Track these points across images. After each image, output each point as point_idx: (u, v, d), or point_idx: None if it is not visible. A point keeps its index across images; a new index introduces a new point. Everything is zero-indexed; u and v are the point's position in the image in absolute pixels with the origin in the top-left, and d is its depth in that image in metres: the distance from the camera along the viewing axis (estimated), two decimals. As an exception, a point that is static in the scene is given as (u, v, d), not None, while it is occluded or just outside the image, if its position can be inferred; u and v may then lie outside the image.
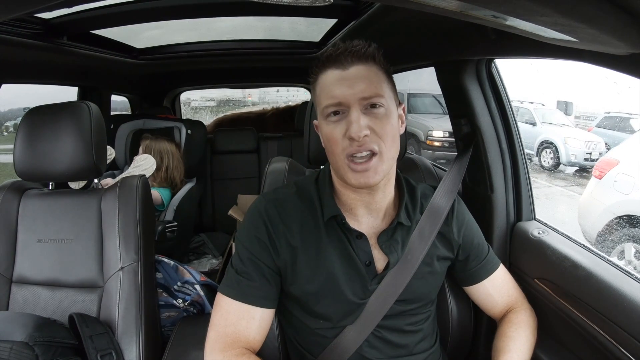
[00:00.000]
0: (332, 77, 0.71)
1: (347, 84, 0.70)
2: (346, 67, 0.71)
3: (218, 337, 0.74)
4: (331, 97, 0.70)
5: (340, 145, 0.70)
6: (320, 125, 0.75)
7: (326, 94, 0.71)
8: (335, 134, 0.71)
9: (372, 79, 0.71)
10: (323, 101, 0.72)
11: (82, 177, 1.14)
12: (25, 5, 0.58)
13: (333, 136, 0.71)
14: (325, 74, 0.73)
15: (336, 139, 0.71)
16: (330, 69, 0.72)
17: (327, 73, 0.72)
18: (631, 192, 2.48)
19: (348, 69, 0.71)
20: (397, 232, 0.80)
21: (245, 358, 0.72)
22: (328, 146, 0.73)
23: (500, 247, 1.06)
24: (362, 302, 0.78)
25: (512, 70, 1.28)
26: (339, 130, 0.70)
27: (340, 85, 0.70)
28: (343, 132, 0.70)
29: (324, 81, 0.72)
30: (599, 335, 0.78)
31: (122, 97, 2.71)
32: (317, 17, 1.46)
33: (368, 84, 0.70)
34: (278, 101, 6.64)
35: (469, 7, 0.45)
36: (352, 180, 0.71)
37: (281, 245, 0.77)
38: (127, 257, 1.07)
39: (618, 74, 0.59)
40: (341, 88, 0.70)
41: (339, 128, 0.70)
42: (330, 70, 0.72)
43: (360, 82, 0.70)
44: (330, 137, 0.72)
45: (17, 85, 1.55)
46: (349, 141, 0.70)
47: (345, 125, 0.70)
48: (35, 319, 0.92)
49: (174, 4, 1.25)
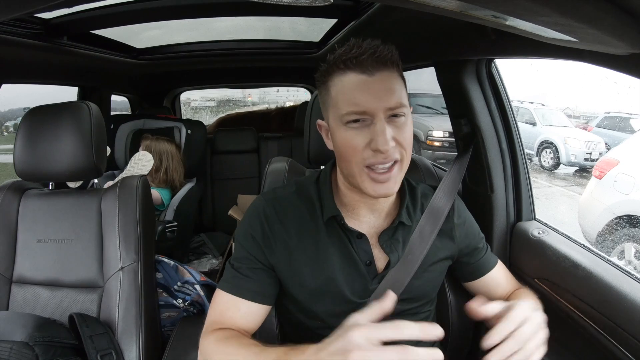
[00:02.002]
0: (356, 82, 0.67)
1: (374, 93, 0.66)
2: (372, 73, 0.67)
3: (206, 326, 0.76)
4: (354, 105, 0.67)
5: (361, 154, 0.68)
6: (334, 130, 0.72)
7: (348, 99, 0.67)
8: (356, 142, 0.68)
9: (396, 87, 0.68)
10: (344, 107, 0.68)
11: (82, 177, 1.15)
12: (25, 5, 0.58)
13: (353, 144, 0.68)
14: (346, 76, 0.68)
15: (356, 147, 0.68)
16: (353, 72, 0.68)
17: (349, 76, 0.68)
18: (631, 192, 2.48)
19: (374, 75, 0.67)
20: (398, 232, 0.81)
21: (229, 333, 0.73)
22: (343, 152, 0.70)
23: (500, 247, 1.06)
24: (361, 301, 0.78)
25: (512, 70, 1.28)
26: (361, 139, 0.67)
27: (366, 93, 0.66)
28: (366, 142, 0.67)
29: (345, 84, 0.68)
30: (599, 335, 0.78)
31: (122, 97, 2.71)
32: (317, 17, 1.46)
33: (392, 93, 0.67)
34: (278, 101, 6.64)
35: (469, 7, 0.45)
36: (369, 190, 0.69)
37: (276, 244, 0.77)
38: (127, 257, 1.08)
39: (618, 74, 0.59)
40: (367, 96, 0.66)
41: (360, 137, 0.67)
42: (354, 74, 0.68)
43: (387, 92, 0.67)
44: (348, 144, 0.68)
45: (17, 85, 1.55)
46: (372, 152, 0.67)
47: (368, 134, 0.67)
48: (35, 319, 0.92)
49: (174, 4, 1.25)
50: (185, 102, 4.99)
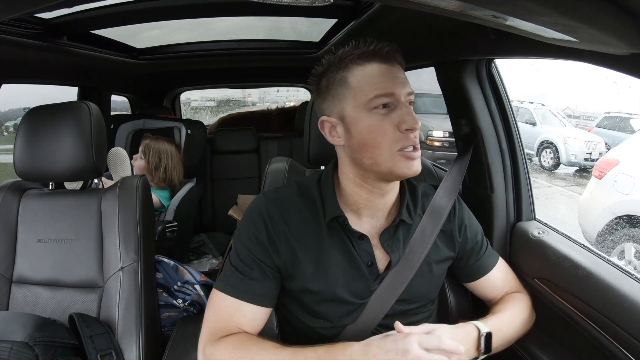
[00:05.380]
0: (380, 70, 0.72)
1: (397, 79, 0.72)
2: (393, 63, 0.74)
3: (210, 332, 0.75)
4: (383, 88, 0.71)
5: (391, 137, 0.71)
6: (356, 118, 0.73)
7: (375, 84, 0.71)
8: (384, 126, 0.71)
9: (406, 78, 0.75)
10: (370, 92, 0.71)
11: (82, 177, 1.14)
12: (25, 5, 0.58)
13: (382, 128, 0.71)
14: (369, 66, 0.73)
15: (385, 131, 0.71)
16: (376, 62, 0.73)
17: (372, 65, 0.73)
18: (631, 192, 2.48)
19: (395, 65, 0.74)
20: (399, 231, 0.81)
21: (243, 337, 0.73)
22: (371, 138, 0.72)
23: (500, 247, 1.06)
24: (362, 301, 0.78)
25: (512, 70, 1.28)
26: (390, 123, 0.71)
27: (392, 79, 0.72)
28: (395, 125, 0.71)
29: (369, 73, 0.72)
30: (599, 335, 0.78)
31: (122, 97, 2.71)
32: (317, 17, 1.46)
33: (407, 81, 0.74)
34: (278, 101, 6.63)
35: (469, 7, 0.45)
36: (404, 169, 0.72)
37: (281, 244, 0.77)
38: (127, 257, 1.07)
39: (618, 74, 0.59)
40: (392, 81, 0.72)
41: (388, 120, 0.71)
42: (376, 64, 0.73)
43: (404, 79, 0.74)
44: (377, 129, 0.71)
45: (17, 85, 1.55)
46: (401, 134, 0.71)
47: (396, 118, 0.71)
48: (35, 319, 0.92)
49: (174, 4, 1.25)
50: (185, 102, 4.98)
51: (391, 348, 0.65)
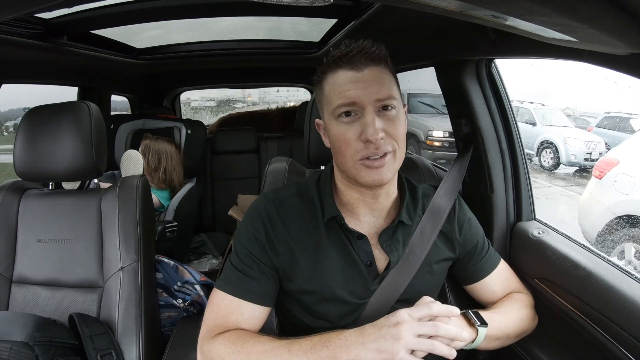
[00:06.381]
0: (345, 78, 0.70)
1: (362, 85, 0.69)
2: (360, 68, 0.70)
3: (208, 330, 0.75)
4: (344, 97, 0.70)
5: (353, 147, 0.70)
6: (328, 125, 0.74)
7: (339, 93, 0.70)
8: (347, 135, 0.70)
9: (385, 81, 0.71)
10: (335, 101, 0.71)
11: (82, 177, 1.15)
12: (25, 5, 0.58)
13: (345, 137, 0.70)
14: (337, 74, 0.72)
15: (348, 140, 0.70)
16: (343, 70, 0.71)
17: (339, 73, 0.71)
18: (631, 192, 2.47)
19: (362, 70, 0.70)
20: (398, 231, 0.80)
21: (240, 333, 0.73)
22: (337, 147, 0.72)
23: (501, 247, 1.06)
24: (362, 302, 0.78)
25: (512, 70, 1.28)
26: (352, 132, 0.70)
27: (354, 86, 0.69)
28: (357, 134, 0.69)
29: (336, 81, 0.71)
30: (599, 335, 0.78)
31: (122, 97, 2.71)
32: (317, 17, 1.46)
33: (381, 86, 0.70)
34: (278, 101, 6.63)
35: (469, 7, 0.45)
36: (365, 178, 0.71)
37: (280, 245, 0.77)
38: (127, 257, 1.07)
39: (618, 74, 0.59)
40: (355, 89, 0.69)
41: (351, 129, 0.70)
42: (343, 71, 0.71)
43: (375, 84, 0.70)
44: (341, 138, 0.71)
45: (17, 85, 1.55)
46: (363, 144, 0.69)
47: (359, 126, 0.69)
48: (35, 319, 0.92)
49: (174, 4, 1.25)
50: (185, 102, 4.98)
51: (383, 323, 0.66)
